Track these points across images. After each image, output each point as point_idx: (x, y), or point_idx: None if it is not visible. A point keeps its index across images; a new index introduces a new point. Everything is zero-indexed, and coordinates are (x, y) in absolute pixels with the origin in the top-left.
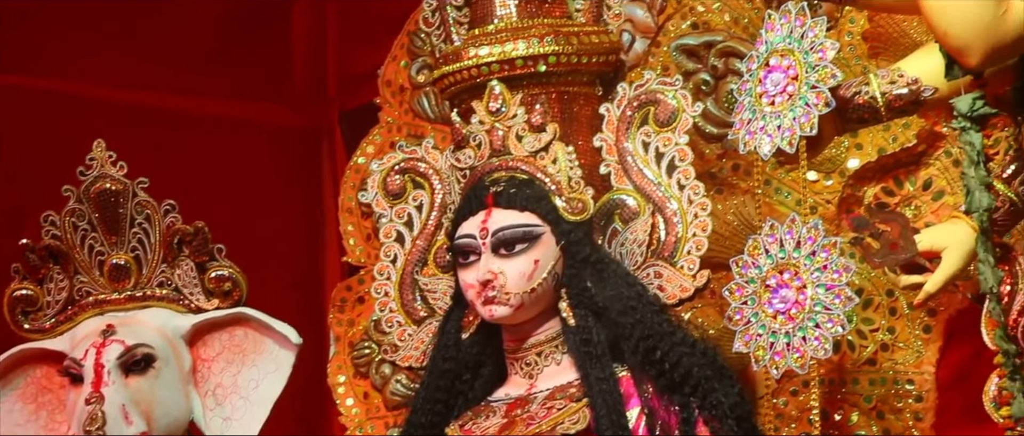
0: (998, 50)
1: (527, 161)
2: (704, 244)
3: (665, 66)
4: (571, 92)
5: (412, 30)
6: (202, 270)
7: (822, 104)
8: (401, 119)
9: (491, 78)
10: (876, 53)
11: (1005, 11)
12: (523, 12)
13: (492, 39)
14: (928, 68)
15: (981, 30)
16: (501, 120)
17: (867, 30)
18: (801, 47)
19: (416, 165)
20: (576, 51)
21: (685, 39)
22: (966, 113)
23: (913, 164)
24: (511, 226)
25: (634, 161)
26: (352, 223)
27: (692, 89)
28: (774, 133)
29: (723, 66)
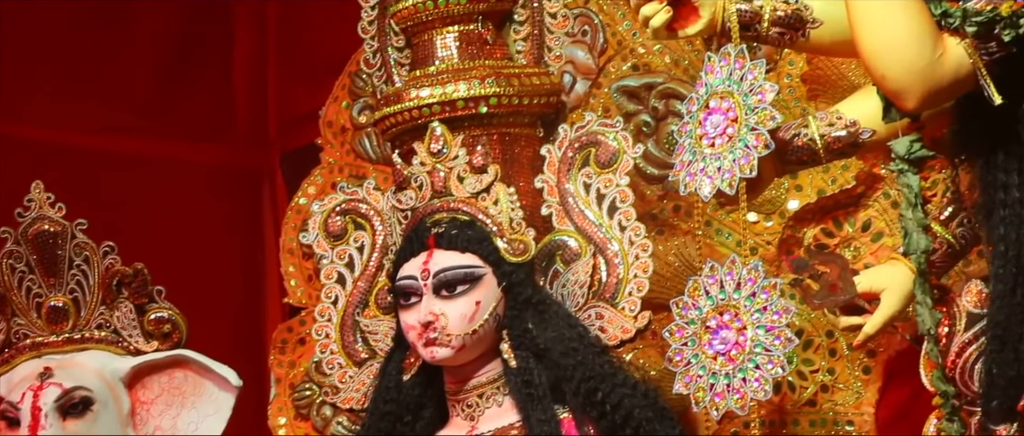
0: (935, 93)
1: (468, 202)
2: (645, 285)
3: (606, 107)
4: (512, 133)
5: (353, 71)
6: (141, 312)
7: (761, 146)
8: (343, 160)
9: (432, 119)
10: (815, 95)
11: (941, 55)
12: (464, 54)
13: (433, 80)
14: (866, 111)
15: (918, 74)
16: (442, 161)
17: (806, 72)
18: (740, 89)
19: (357, 206)
20: (517, 92)
21: (626, 80)
22: (904, 156)
23: (852, 205)
24: (452, 267)
25: (575, 202)
26: (293, 264)
27: (633, 130)
28: (714, 175)
29: (664, 108)
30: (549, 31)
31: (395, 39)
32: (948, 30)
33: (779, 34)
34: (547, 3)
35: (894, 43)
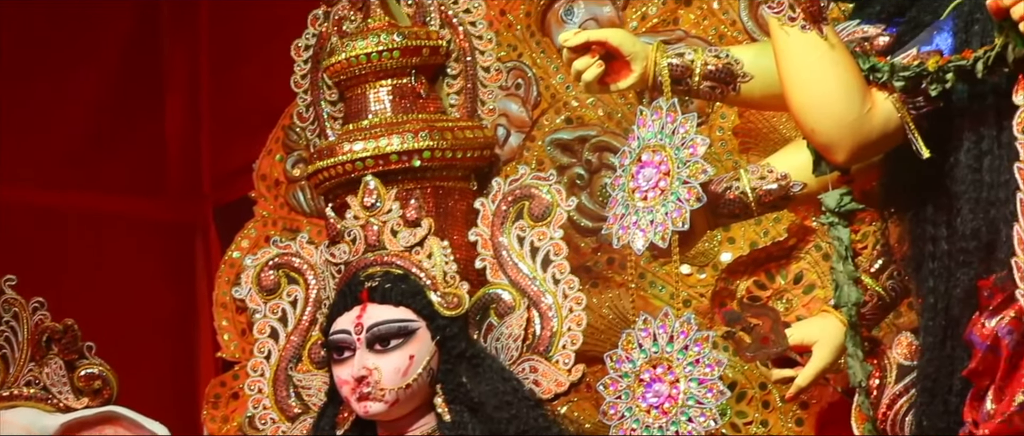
0: (864, 147)
1: (402, 256)
2: (579, 338)
3: (540, 160)
4: (446, 187)
5: (287, 124)
6: (71, 368)
7: (693, 199)
8: (276, 213)
9: (366, 173)
10: (747, 148)
11: (870, 109)
12: (397, 107)
13: (367, 134)
14: (797, 164)
15: (847, 128)
16: (376, 215)
17: (738, 126)
18: (672, 143)
19: (290, 260)
20: (450, 146)
21: (559, 134)
22: (834, 209)
23: (784, 258)
24: (386, 322)
25: (509, 255)
26: (226, 318)
27: (566, 183)
28: (647, 228)
29: (597, 160)
30: (482, 85)
31: (328, 93)
32: (876, 85)
33: (710, 88)
34: (480, 57)
35: (823, 98)
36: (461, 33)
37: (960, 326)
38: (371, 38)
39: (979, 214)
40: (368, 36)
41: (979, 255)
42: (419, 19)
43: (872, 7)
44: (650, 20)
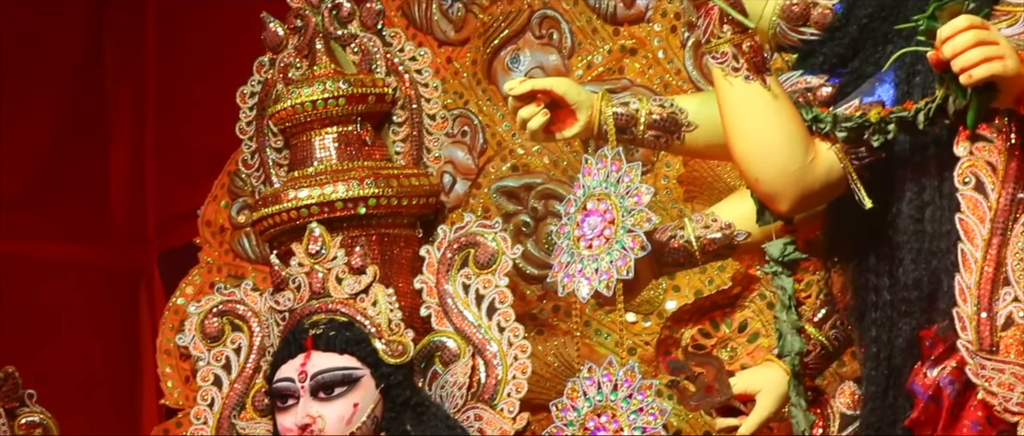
0: (807, 197)
1: (347, 304)
2: (524, 386)
3: (486, 207)
4: (391, 234)
5: (232, 170)
6: (12, 416)
7: (638, 248)
8: (221, 260)
9: (311, 220)
10: (692, 197)
11: (813, 159)
12: (343, 154)
13: (312, 181)
14: (741, 213)
15: (790, 177)
16: (321, 262)
17: (682, 174)
18: (617, 191)
19: (235, 307)
20: (396, 193)
21: (505, 181)
22: (777, 258)
23: (729, 306)
24: (330, 369)
25: (454, 303)
26: (170, 365)
27: (512, 231)
28: (592, 276)
29: (543, 208)
30: (428, 132)
31: (274, 140)
32: (819, 135)
33: (655, 137)
34: (426, 105)
35: (767, 147)
36: (407, 81)
37: (902, 376)
38: (317, 85)
39: (921, 264)
40: (314, 83)
41: (921, 305)
42: (365, 66)
43: (815, 58)
44: (596, 69)
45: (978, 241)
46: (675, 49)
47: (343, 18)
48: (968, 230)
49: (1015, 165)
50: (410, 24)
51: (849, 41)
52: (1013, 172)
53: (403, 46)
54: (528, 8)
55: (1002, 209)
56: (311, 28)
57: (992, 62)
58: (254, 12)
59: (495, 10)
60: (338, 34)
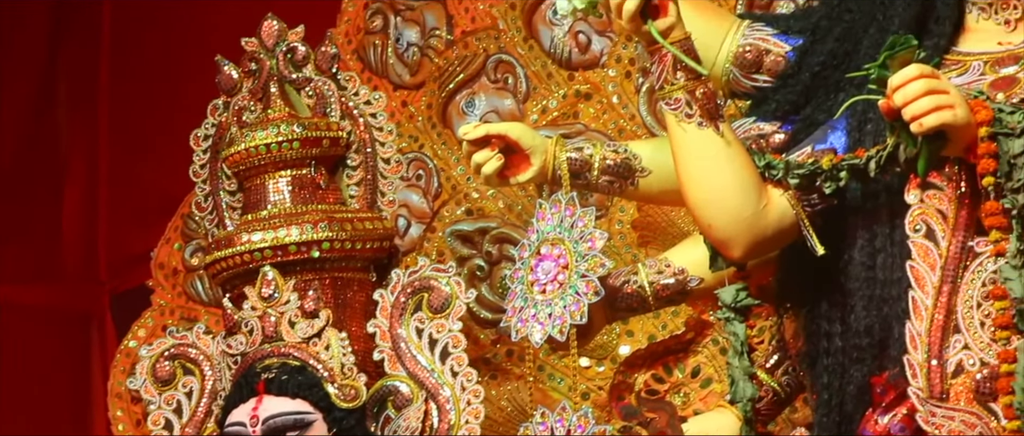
0: (760, 243)
1: (299, 348)
2: (477, 431)
3: (440, 251)
4: (345, 278)
5: (186, 213)
6: None
7: (592, 293)
8: (174, 302)
9: (264, 264)
10: (646, 242)
11: (766, 205)
12: (297, 198)
13: (265, 225)
14: (694, 258)
15: (743, 223)
16: (273, 306)
17: (636, 219)
18: (571, 236)
19: (186, 351)
20: (350, 237)
21: (460, 225)
22: (730, 304)
23: (682, 352)
24: (282, 414)
25: (408, 347)
26: (121, 408)
27: (466, 275)
28: (545, 321)
29: (497, 252)
30: (382, 176)
31: (227, 183)
32: (772, 181)
33: (609, 182)
34: (380, 148)
35: (720, 193)
36: (362, 124)
37: (854, 422)
38: (271, 129)
39: (872, 311)
40: (268, 126)
41: (872, 352)
42: (319, 110)
43: (768, 105)
44: (550, 113)
45: (929, 288)
46: (630, 94)
47: (298, 62)
48: (919, 277)
49: (965, 213)
50: (365, 68)
51: (802, 88)
52: (963, 220)
53: (358, 90)
54: (483, 53)
55: (952, 257)
56: (265, 71)
57: (942, 111)
58: (208, 55)
59: (450, 54)
60: (292, 78)
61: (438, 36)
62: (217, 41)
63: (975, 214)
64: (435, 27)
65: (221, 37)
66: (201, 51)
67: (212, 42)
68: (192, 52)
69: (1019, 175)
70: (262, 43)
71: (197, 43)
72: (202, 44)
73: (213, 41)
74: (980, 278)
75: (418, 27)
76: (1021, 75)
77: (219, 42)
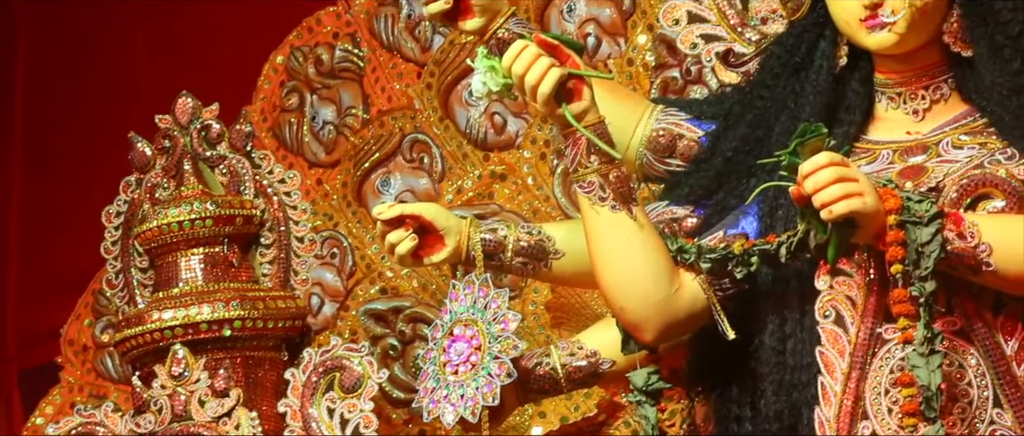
0: (672, 327)
1: (209, 427)
2: None
3: (353, 330)
4: (256, 357)
5: (97, 289)
6: None
7: (504, 375)
8: (83, 379)
9: (174, 342)
10: (559, 323)
11: (678, 289)
12: (209, 276)
13: (176, 303)
14: (607, 341)
15: (654, 307)
16: (183, 384)
17: (550, 301)
18: (484, 318)
19: (94, 429)
20: (262, 316)
21: (374, 304)
22: (641, 387)
23: (594, 434)
24: None
25: (319, 427)
26: None
27: (379, 354)
28: (457, 402)
29: (411, 331)
30: (296, 254)
31: (139, 259)
32: (684, 266)
33: (522, 264)
34: (294, 227)
35: (632, 277)
36: (276, 203)
37: None
38: (184, 206)
39: (782, 396)
40: (181, 204)
41: None
42: (233, 188)
43: (681, 189)
44: (465, 193)
45: (838, 374)
46: (544, 176)
47: (212, 139)
48: (828, 363)
49: (874, 300)
50: (281, 145)
51: (714, 173)
52: (872, 307)
53: (272, 168)
54: (399, 132)
55: (861, 343)
56: (179, 149)
57: (852, 199)
58: (122, 131)
59: (366, 133)
60: (206, 155)
61: (354, 115)
62: (131, 117)
63: (884, 301)
64: (351, 106)
65: (135, 113)
66: (114, 127)
67: (125, 118)
68: (105, 128)
69: (927, 263)
70: (176, 120)
71: (110, 119)
72: (115, 120)
73: (127, 117)
74: (888, 365)
75: (334, 105)
76: (929, 164)
77: (133, 118)
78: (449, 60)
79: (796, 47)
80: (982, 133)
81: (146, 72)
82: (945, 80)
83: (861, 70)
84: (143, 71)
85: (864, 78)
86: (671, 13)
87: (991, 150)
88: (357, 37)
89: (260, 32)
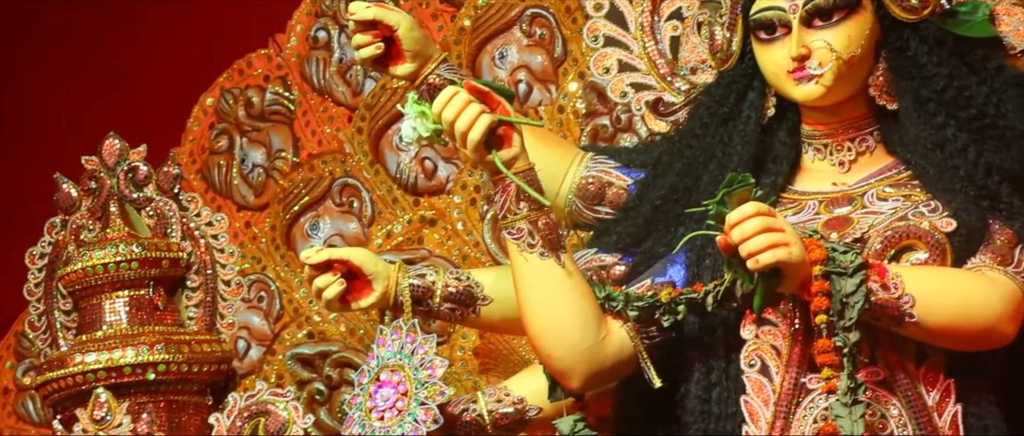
0: (598, 374)
1: None
2: None
3: (280, 375)
4: (180, 401)
5: (19, 331)
6: None
7: (430, 421)
8: (3, 423)
9: (97, 385)
10: (487, 369)
11: (605, 337)
12: (134, 319)
13: (100, 346)
14: (534, 388)
15: (582, 354)
16: (105, 429)
17: (478, 346)
18: (411, 363)
19: None
20: (186, 359)
21: (300, 348)
22: (568, 434)
23: None
24: None
25: None
26: None
27: (305, 399)
28: None
29: (338, 376)
30: (222, 298)
31: (62, 302)
32: (611, 313)
33: (450, 310)
34: (221, 270)
35: (559, 324)
36: (203, 246)
37: None
38: (109, 248)
39: None
40: (106, 246)
41: None
42: (160, 230)
43: (609, 237)
44: (395, 238)
45: (762, 424)
46: (474, 221)
47: (139, 181)
48: (752, 413)
49: (799, 350)
50: (209, 188)
51: (642, 221)
52: (797, 357)
53: (200, 211)
54: (329, 176)
55: (785, 393)
56: (105, 190)
57: (778, 248)
58: (46, 172)
59: (296, 176)
60: (133, 197)
61: (284, 158)
62: (57, 158)
63: (808, 351)
64: (281, 149)
65: (61, 154)
66: (40, 168)
67: (52, 159)
68: (30, 168)
69: (851, 314)
70: (103, 161)
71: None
72: (41, 160)
73: (53, 158)
74: (812, 414)
75: (264, 148)
76: (854, 215)
77: (59, 159)
78: (380, 104)
79: (725, 97)
80: (906, 185)
81: (73, 112)
82: (871, 132)
83: (788, 121)
84: (70, 111)
85: (791, 129)
86: (602, 61)
87: (915, 202)
88: (288, 80)
89: (190, 74)
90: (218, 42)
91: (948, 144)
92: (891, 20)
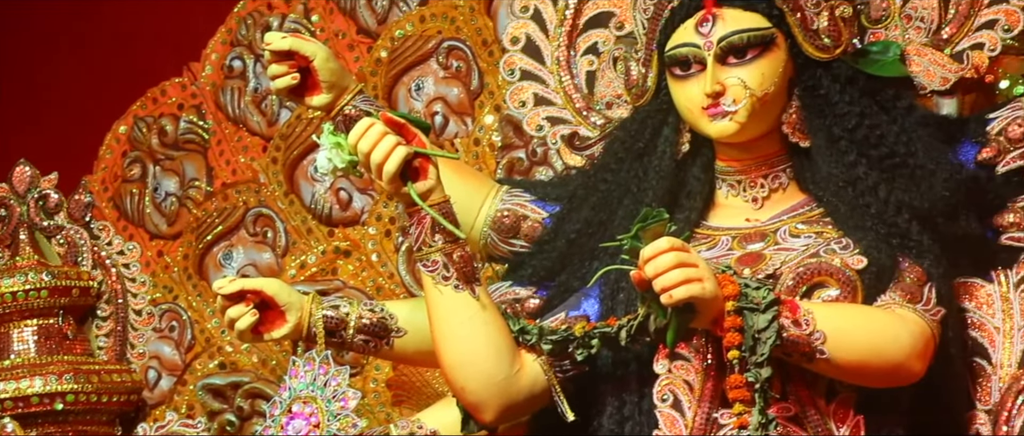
0: (512, 407)
1: None
2: None
3: (190, 405)
4: (89, 432)
5: None
6: None
7: None
8: None
9: (4, 415)
10: (400, 401)
11: (519, 370)
12: (42, 348)
13: (8, 375)
14: (447, 420)
15: (495, 387)
16: None
17: (392, 378)
18: (324, 395)
19: None
20: (96, 389)
21: (212, 378)
22: None
23: None
24: None
25: None
26: None
27: (216, 429)
28: None
29: (249, 407)
30: (133, 327)
31: None
32: (525, 346)
33: (364, 342)
34: (132, 300)
35: (473, 357)
36: (114, 275)
37: None
38: (18, 276)
39: None
40: (15, 274)
41: None
42: (70, 259)
43: (524, 270)
44: (309, 269)
45: None
46: (389, 253)
47: (50, 209)
48: None
49: (711, 385)
50: (121, 216)
51: (557, 255)
52: (709, 391)
53: (111, 239)
54: (243, 205)
55: (697, 428)
56: (15, 218)
57: (691, 284)
58: None
59: (209, 206)
60: (44, 225)
61: (197, 187)
62: None
63: (720, 386)
64: (195, 178)
65: None
66: None
67: None
68: None
69: (763, 349)
70: (13, 189)
71: None
72: None
73: None
74: None
75: (177, 177)
76: (767, 251)
77: None
78: (295, 135)
79: (640, 132)
80: (818, 222)
81: None
82: (784, 169)
83: (703, 157)
84: None
85: (706, 165)
86: (518, 95)
87: (827, 239)
88: (202, 109)
89: (103, 101)
90: (132, 70)
91: (859, 182)
92: (804, 59)
